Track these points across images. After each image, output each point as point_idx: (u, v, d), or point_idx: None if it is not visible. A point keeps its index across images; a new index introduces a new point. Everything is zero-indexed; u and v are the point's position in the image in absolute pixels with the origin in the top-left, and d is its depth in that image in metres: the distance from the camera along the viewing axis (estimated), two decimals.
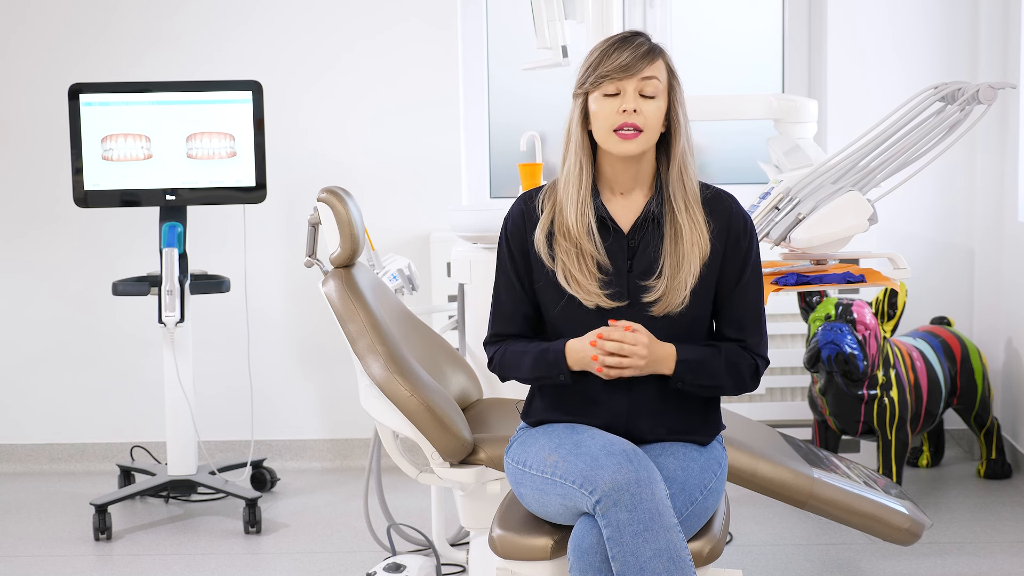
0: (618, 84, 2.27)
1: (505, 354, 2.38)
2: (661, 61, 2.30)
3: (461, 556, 3.38)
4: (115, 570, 3.49)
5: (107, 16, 4.43)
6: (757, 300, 2.37)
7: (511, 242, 2.39)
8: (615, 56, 2.27)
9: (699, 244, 2.30)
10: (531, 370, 2.33)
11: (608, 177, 2.36)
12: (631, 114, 2.26)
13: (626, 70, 2.26)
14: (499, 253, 2.41)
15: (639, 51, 2.27)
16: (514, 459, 2.36)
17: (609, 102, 2.28)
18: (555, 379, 2.31)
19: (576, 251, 2.30)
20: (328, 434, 4.54)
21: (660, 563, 2.10)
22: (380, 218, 4.35)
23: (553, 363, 2.30)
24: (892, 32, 4.37)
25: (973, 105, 3.00)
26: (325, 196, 2.84)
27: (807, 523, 3.73)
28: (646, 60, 2.27)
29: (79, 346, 4.52)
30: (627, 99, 2.26)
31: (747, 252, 2.35)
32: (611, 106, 2.28)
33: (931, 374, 3.93)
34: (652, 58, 2.28)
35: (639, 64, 2.26)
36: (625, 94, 2.27)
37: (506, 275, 2.39)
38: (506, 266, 2.39)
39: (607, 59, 2.28)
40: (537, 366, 2.32)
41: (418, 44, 4.42)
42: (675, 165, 2.32)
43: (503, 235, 2.40)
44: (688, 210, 2.31)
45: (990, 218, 4.37)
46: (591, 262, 2.30)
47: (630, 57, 2.26)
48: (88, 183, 3.91)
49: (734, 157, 4.53)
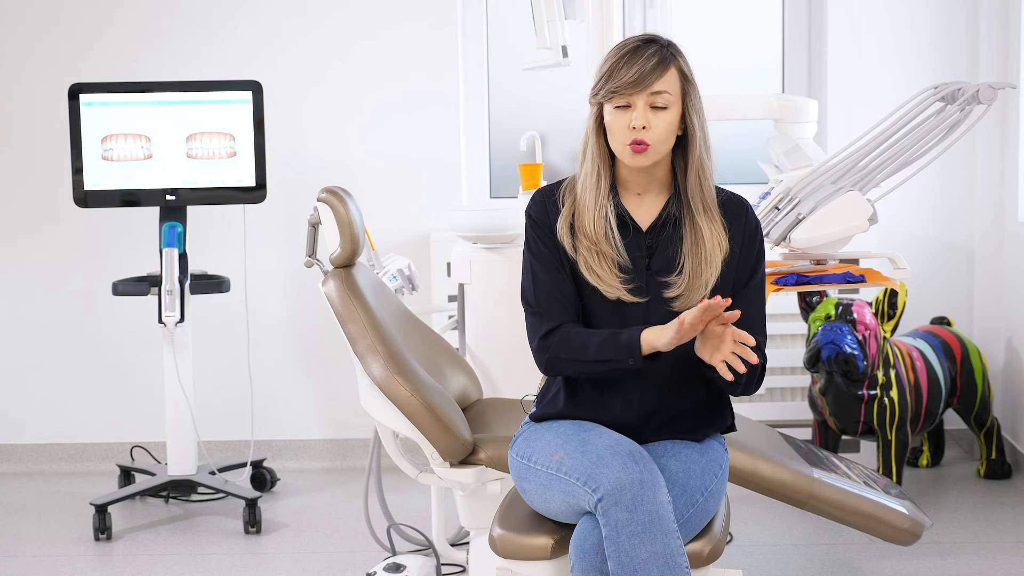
0: (628, 98, 2.28)
1: (568, 334, 2.31)
2: (673, 70, 2.29)
3: (461, 556, 3.38)
4: (115, 570, 3.49)
5: (107, 16, 4.42)
6: (762, 302, 2.40)
7: (539, 229, 2.36)
8: (625, 70, 2.27)
9: (720, 245, 2.32)
10: (600, 351, 2.26)
11: (624, 179, 2.38)
12: (639, 131, 2.27)
13: (635, 86, 2.26)
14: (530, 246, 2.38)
15: (648, 64, 2.27)
16: (519, 454, 2.37)
17: (621, 115, 2.29)
18: (623, 363, 2.25)
19: (596, 250, 2.32)
20: (328, 434, 4.54)
21: (655, 567, 2.10)
22: (380, 218, 4.35)
23: (626, 346, 2.24)
24: (892, 32, 4.37)
25: (973, 105, 3.00)
26: (325, 196, 2.84)
27: (807, 523, 3.73)
28: (655, 74, 2.27)
29: (79, 346, 4.52)
30: (637, 115, 2.27)
31: (758, 254, 2.39)
32: (622, 120, 2.28)
33: (931, 374, 3.93)
34: (662, 71, 2.28)
35: (648, 79, 2.26)
36: (635, 108, 2.28)
37: (546, 261, 2.35)
38: (544, 253, 2.35)
39: (617, 72, 2.28)
40: (605, 348, 2.26)
41: (418, 44, 4.42)
42: (692, 170, 2.34)
43: (530, 228, 2.38)
44: (707, 212, 2.34)
45: (990, 218, 4.37)
46: (611, 263, 2.32)
47: (639, 72, 2.26)
48: (88, 183, 3.90)
49: (734, 157, 4.53)
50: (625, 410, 2.35)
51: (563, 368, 2.33)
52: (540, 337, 2.34)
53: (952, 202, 4.42)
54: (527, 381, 2.99)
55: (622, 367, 2.26)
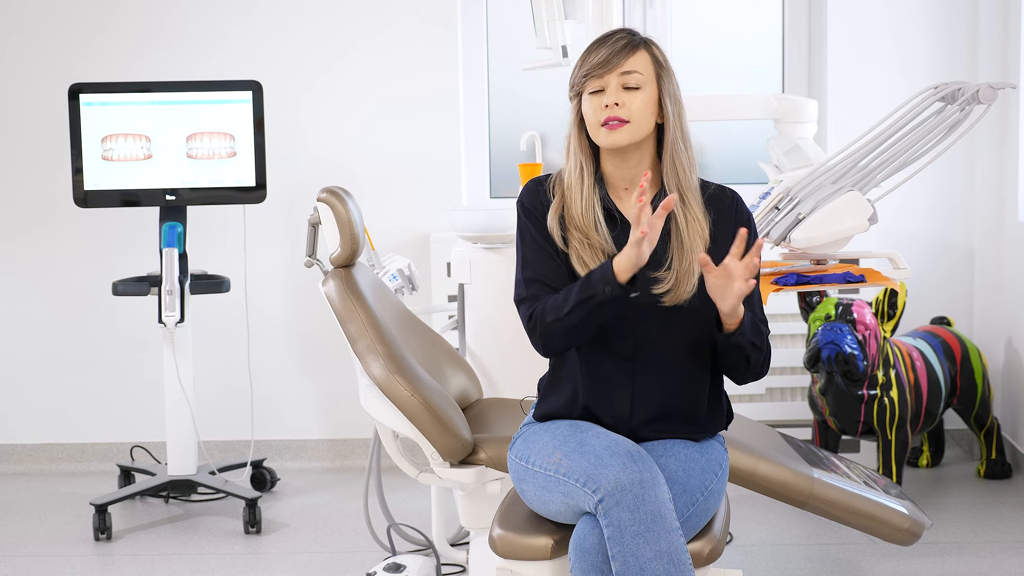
0: (600, 81, 2.32)
1: (546, 300, 2.30)
2: (644, 52, 2.33)
3: (461, 556, 3.38)
4: (115, 570, 3.49)
5: (107, 16, 4.43)
6: (758, 294, 2.40)
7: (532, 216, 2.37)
8: (594, 55, 2.33)
9: (699, 232, 2.33)
10: (578, 293, 2.24)
11: (609, 175, 2.39)
12: (613, 108, 2.30)
13: (604, 66, 2.31)
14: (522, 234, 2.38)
15: (616, 46, 2.32)
16: (518, 455, 2.37)
17: (595, 99, 2.33)
18: (602, 294, 2.22)
19: (587, 241, 2.33)
20: (328, 434, 4.54)
21: (660, 565, 2.11)
22: (380, 218, 4.35)
23: (600, 278, 2.22)
24: (892, 32, 4.37)
25: (973, 105, 3.00)
26: (325, 196, 2.84)
27: (807, 523, 3.73)
28: (623, 54, 2.31)
29: (79, 346, 4.52)
30: (609, 93, 2.31)
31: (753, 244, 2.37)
32: (597, 102, 2.32)
33: (931, 374, 3.93)
34: (630, 51, 2.32)
35: (616, 59, 2.31)
36: (608, 89, 2.31)
37: (537, 248, 2.35)
38: (536, 240, 2.36)
39: (587, 59, 2.34)
40: (583, 289, 2.24)
41: (418, 44, 4.42)
42: (667, 154, 2.35)
43: (523, 215, 2.39)
44: (684, 201, 2.34)
45: (990, 218, 4.37)
46: (600, 254, 2.32)
47: (607, 53, 2.31)
48: (88, 183, 3.90)
49: (734, 157, 4.53)
50: (623, 410, 2.35)
51: (555, 336, 2.29)
52: (528, 318, 2.33)
53: (952, 202, 4.42)
54: (527, 381, 2.99)
55: (603, 299, 2.22)
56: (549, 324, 2.29)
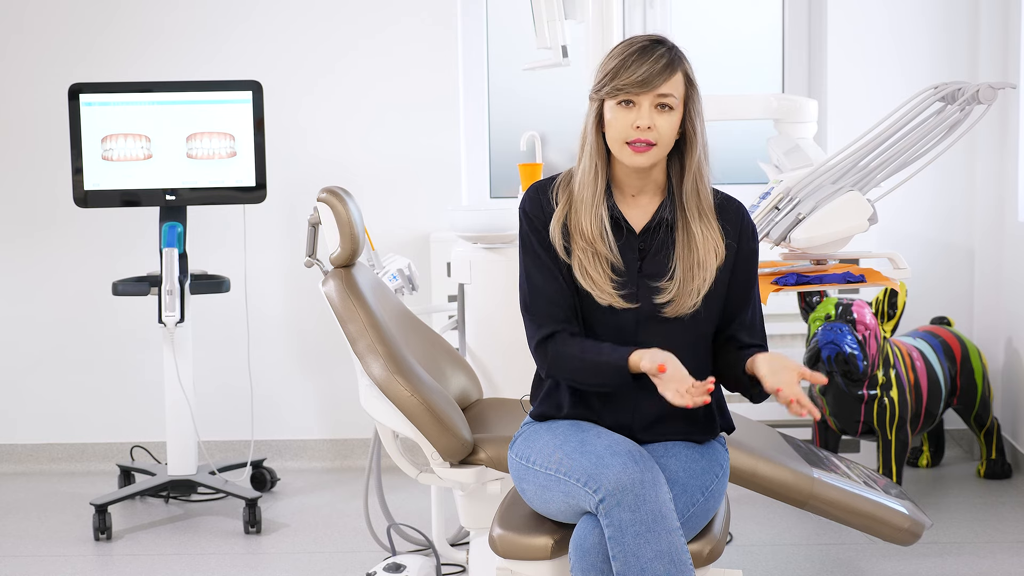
0: (634, 97, 2.25)
1: (560, 355, 2.31)
2: (680, 73, 2.27)
3: (461, 556, 3.38)
4: (115, 570, 3.49)
5: (107, 16, 4.43)
6: (759, 304, 2.41)
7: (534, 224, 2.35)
8: (633, 69, 2.24)
9: (715, 251, 2.31)
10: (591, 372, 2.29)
11: (619, 180, 2.36)
12: (645, 131, 2.25)
13: (643, 85, 2.24)
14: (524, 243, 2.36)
15: (657, 65, 2.24)
16: (518, 455, 2.37)
17: (624, 113, 2.26)
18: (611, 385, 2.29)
19: (591, 251, 2.30)
20: (328, 434, 4.54)
21: (661, 565, 2.11)
22: (380, 218, 4.35)
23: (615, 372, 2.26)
24: (892, 32, 4.37)
25: (973, 105, 3.00)
26: (325, 196, 2.84)
27: (807, 523, 3.73)
28: (664, 75, 2.25)
29: (79, 346, 4.52)
30: (642, 115, 2.24)
31: (756, 257, 2.39)
32: (626, 119, 2.26)
33: (931, 374, 3.93)
34: (671, 73, 2.25)
35: (656, 80, 2.24)
36: (640, 108, 2.25)
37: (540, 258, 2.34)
38: (538, 250, 2.34)
39: (625, 70, 2.25)
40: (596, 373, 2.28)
41: (418, 44, 4.42)
42: (690, 175, 2.32)
43: (525, 223, 2.36)
44: (702, 218, 2.32)
45: (990, 218, 4.37)
46: (605, 263, 2.30)
47: (648, 72, 2.24)
48: (88, 183, 3.90)
49: (734, 157, 4.53)
50: (624, 412, 2.35)
51: (562, 378, 2.35)
52: (536, 344, 2.34)
53: (952, 202, 4.42)
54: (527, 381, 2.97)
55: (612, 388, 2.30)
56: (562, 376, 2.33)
